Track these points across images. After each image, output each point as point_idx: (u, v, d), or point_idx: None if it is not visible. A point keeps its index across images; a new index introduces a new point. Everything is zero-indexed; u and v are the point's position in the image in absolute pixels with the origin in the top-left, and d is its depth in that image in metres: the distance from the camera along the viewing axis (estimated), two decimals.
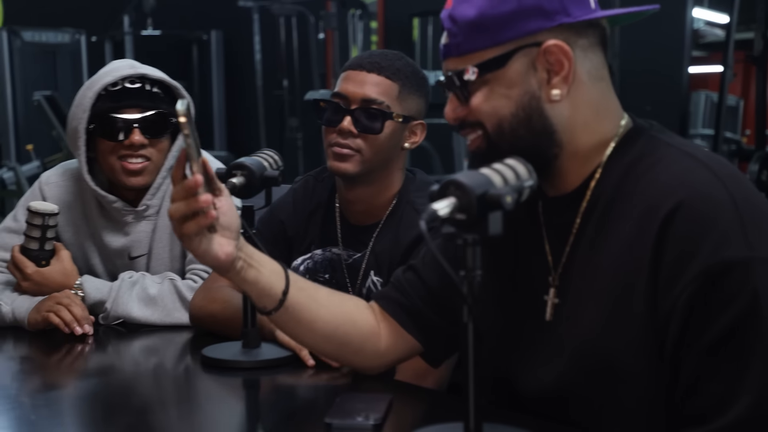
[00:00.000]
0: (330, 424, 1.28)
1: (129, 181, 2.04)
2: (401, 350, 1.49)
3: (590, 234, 1.28)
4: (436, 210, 1.11)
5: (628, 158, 1.27)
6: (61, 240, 2.10)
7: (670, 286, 1.16)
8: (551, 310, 1.32)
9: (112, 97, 2.00)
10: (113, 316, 1.96)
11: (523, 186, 1.20)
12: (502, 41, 1.25)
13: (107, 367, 1.82)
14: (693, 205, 1.16)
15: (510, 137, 1.26)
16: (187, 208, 1.27)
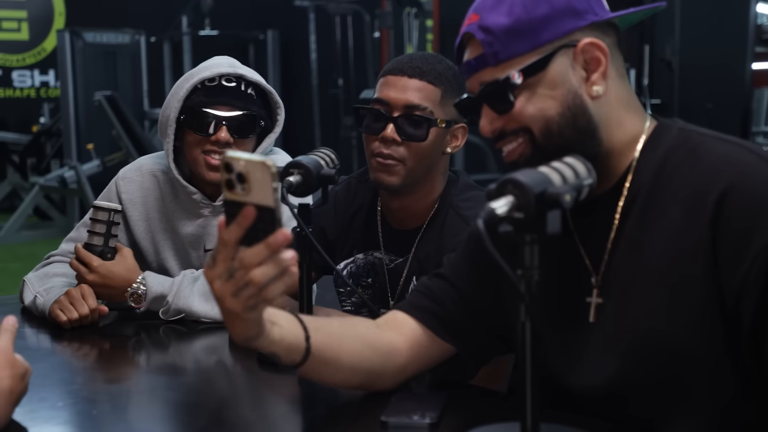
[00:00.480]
0: (386, 422, 1.29)
1: (210, 175, 2.08)
2: (429, 360, 1.46)
3: (631, 229, 1.29)
4: (494, 209, 1.11)
5: (662, 150, 1.29)
6: (134, 234, 2.18)
7: (735, 264, 1.18)
8: (594, 311, 1.32)
9: (207, 92, 2.05)
10: (174, 309, 1.98)
11: (582, 184, 1.19)
12: (541, 44, 1.27)
13: (167, 365, 1.84)
14: (744, 183, 1.19)
15: (558, 138, 1.27)
16: (278, 267, 1.12)
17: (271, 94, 2.12)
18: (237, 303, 1.13)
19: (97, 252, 2.00)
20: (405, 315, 1.46)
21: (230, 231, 1.11)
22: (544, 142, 1.27)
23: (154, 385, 1.67)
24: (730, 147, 1.25)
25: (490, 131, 1.32)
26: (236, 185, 1.10)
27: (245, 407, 1.52)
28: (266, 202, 1.10)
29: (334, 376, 1.38)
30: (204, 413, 1.47)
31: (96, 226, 2.02)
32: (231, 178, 1.10)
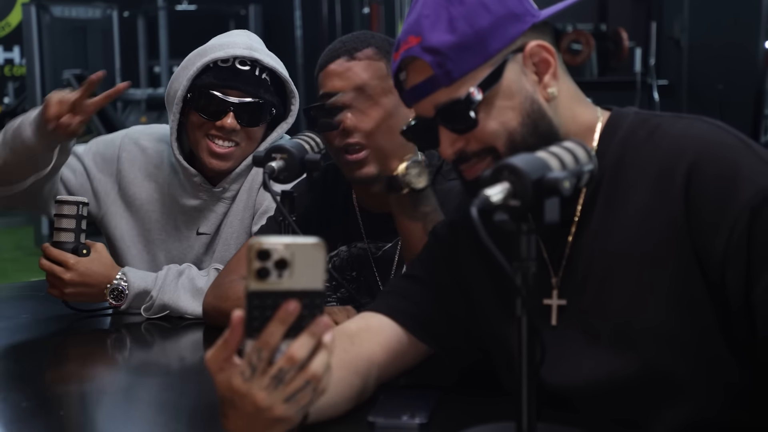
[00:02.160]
0: (374, 422, 1.29)
1: (211, 163, 2.07)
2: (404, 363, 1.45)
3: (597, 216, 1.32)
4: (489, 196, 1.11)
5: (621, 136, 1.33)
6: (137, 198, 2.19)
7: (714, 233, 1.21)
8: (556, 314, 1.34)
9: (219, 73, 2.03)
10: (158, 305, 1.98)
11: (582, 170, 1.20)
12: (491, 54, 1.30)
13: (147, 363, 1.84)
14: (709, 154, 1.24)
15: (523, 148, 1.27)
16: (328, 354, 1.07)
17: (287, 82, 2.10)
18: (291, 407, 1.07)
19: (69, 249, 1.98)
20: (382, 317, 1.45)
21: (273, 333, 1.04)
22: (509, 153, 1.27)
23: (132, 384, 1.67)
24: (688, 121, 1.31)
25: (452, 153, 1.33)
26: (272, 273, 1.04)
27: None
28: (314, 287, 1.05)
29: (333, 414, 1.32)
30: (182, 414, 1.47)
31: (63, 222, 1.99)
32: (266, 266, 1.04)
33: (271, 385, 1.05)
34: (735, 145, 1.25)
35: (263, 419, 1.07)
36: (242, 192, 2.14)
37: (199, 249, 2.16)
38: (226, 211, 2.15)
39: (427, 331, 1.45)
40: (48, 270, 1.98)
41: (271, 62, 2.07)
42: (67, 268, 1.96)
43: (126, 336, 1.94)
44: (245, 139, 2.07)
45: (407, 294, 1.47)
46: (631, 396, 1.29)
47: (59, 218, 2.00)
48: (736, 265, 1.20)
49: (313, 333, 1.05)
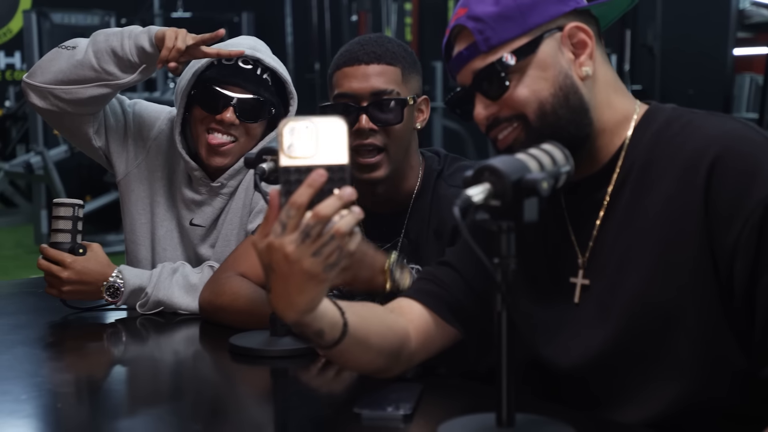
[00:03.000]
0: (360, 414, 1.29)
1: (210, 159, 2.08)
2: (435, 346, 1.47)
3: (624, 202, 1.33)
4: (471, 196, 1.11)
5: (655, 127, 1.34)
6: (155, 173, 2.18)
7: (728, 225, 1.22)
8: (579, 292, 1.36)
9: (222, 69, 2.05)
10: (153, 301, 1.97)
11: (560, 171, 1.20)
12: (530, 27, 1.32)
13: (143, 356, 1.83)
14: (734, 149, 1.24)
15: (552, 118, 1.31)
16: (354, 218, 1.13)
17: (287, 83, 2.10)
18: (318, 262, 1.12)
19: (66, 249, 1.97)
20: (411, 301, 1.47)
21: (301, 194, 1.10)
22: (539, 125, 1.31)
23: (125, 377, 1.66)
24: (721, 119, 1.32)
25: (485, 118, 1.35)
26: (300, 149, 1.12)
27: (217, 400, 1.52)
28: (339, 161, 1.12)
29: (362, 358, 1.35)
30: (176, 405, 1.46)
31: (60, 223, 1.98)
32: (293, 142, 1.12)
33: (299, 239, 1.10)
34: (760, 144, 1.25)
35: (296, 277, 1.13)
36: (240, 190, 2.13)
37: (194, 239, 2.15)
38: (223, 206, 2.14)
39: (455, 314, 1.46)
40: (46, 269, 1.96)
41: (273, 63, 2.08)
42: (65, 267, 1.95)
43: (122, 331, 1.93)
44: (244, 135, 2.08)
45: (436, 280, 1.48)
46: (632, 372, 1.30)
47: (56, 220, 1.99)
48: (745, 258, 1.21)
49: (340, 197, 1.11)
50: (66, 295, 1.98)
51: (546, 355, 1.38)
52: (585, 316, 1.34)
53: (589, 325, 1.33)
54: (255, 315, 1.75)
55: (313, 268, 1.12)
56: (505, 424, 1.15)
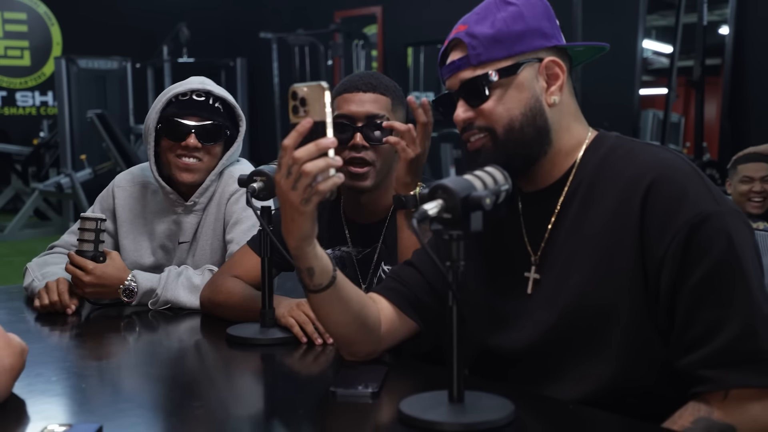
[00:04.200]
0: (335, 392, 1.27)
1: (181, 176, 2.08)
2: (398, 335, 1.47)
3: (572, 214, 1.32)
4: (426, 210, 1.11)
5: (603, 151, 1.34)
6: (119, 233, 2.18)
7: (659, 240, 1.21)
8: (532, 285, 1.35)
9: (180, 104, 2.06)
10: (162, 301, 1.95)
11: (500, 189, 1.20)
12: (515, 53, 1.32)
13: (153, 344, 1.80)
14: (667, 176, 1.23)
15: (518, 134, 1.31)
16: (325, 163, 1.18)
17: (235, 108, 2.12)
18: (296, 195, 1.20)
19: (89, 257, 1.95)
20: (379, 296, 1.48)
21: (289, 138, 1.18)
22: (505, 138, 1.31)
23: (139, 361, 1.63)
24: (657, 149, 1.31)
25: (462, 120, 1.34)
26: (299, 109, 1.19)
27: (215, 380, 1.49)
28: (321, 117, 1.18)
29: (340, 316, 1.37)
30: (180, 384, 1.44)
31: (85, 235, 1.97)
32: (296, 104, 1.19)
33: (284, 174, 1.19)
34: (689, 173, 1.24)
35: (285, 206, 1.22)
36: (212, 206, 2.13)
37: (182, 255, 2.15)
38: (198, 221, 2.14)
39: (415, 309, 1.46)
40: (72, 273, 1.94)
41: (222, 93, 2.10)
42: (87, 273, 1.93)
43: (136, 322, 1.90)
44: (206, 155, 2.09)
45: (401, 279, 1.49)
46: (571, 355, 1.29)
47: (82, 231, 1.98)
48: (670, 269, 1.20)
49: (317, 144, 1.18)
50: (88, 295, 1.96)
51: (503, 339, 1.37)
52: (535, 305, 1.33)
53: (538, 313, 1.33)
54: (247, 310, 1.74)
55: (293, 198, 1.20)
56: (455, 399, 1.14)
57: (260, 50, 8.99)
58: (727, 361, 1.16)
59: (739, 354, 1.16)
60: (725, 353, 1.16)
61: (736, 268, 1.17)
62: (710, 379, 1.17)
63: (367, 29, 8.29)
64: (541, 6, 1.34)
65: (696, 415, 1.17)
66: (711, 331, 1.17)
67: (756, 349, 1.15)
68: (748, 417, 1.16)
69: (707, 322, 1.17)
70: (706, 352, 1.17)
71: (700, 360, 1.18)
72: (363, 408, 1.24)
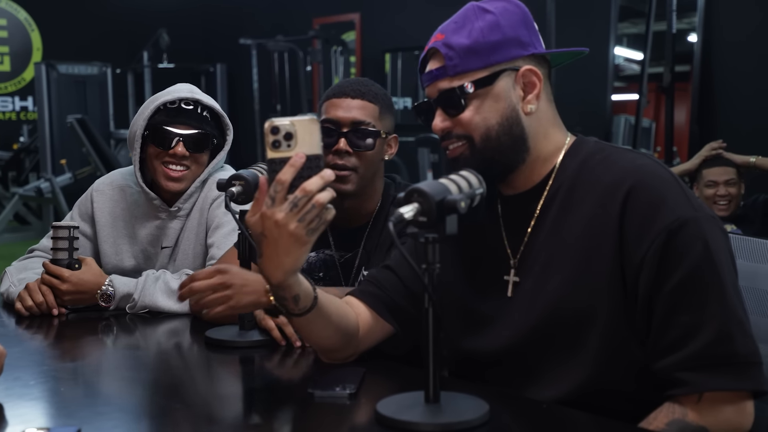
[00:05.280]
0: (312, 393, 1.27)
1: (167, 185, 2.06)
2: (375, 338, 1.46)
3: (551, 218, 1.31)
4: (403, 213, 1.11)
5: (581, 157, 1.33)
6: (99, 238, 2.15)
7: (637, 244, 1.21)
8: (511, 288, 1.34)
9: (168, 112, 2.03)
10: (140, 305, 1.93)
11: (474, 193, 1.20)
12: (491, 64, 1.30)
13: (131, 346, 1.78)
14: (646, 182, 1.23)
15: (495, 143, 1.30)
16: (330, 194, 1.17)
17: (222, 116, 2.10)
18: (302, 226, 1.17)
19: (65, 265, 1.93)
20: (355, 300, 1.46)
21: (285, 173, 1.15)
22: (482, 146, 1.30)
23: (117, 364, 1.61)
24: (635, 155, 1.31)
25: (440, 129, 1.33)
26: (282, 143, 1.15)
27: (194, 382, 1.48)
28: (313, 150, 1.15)
29: (323, 332, 1.36)
30: (160, 386, 1.42)
31: (59, 243, 1.94)
32: (278, 138, 1.15)
33: (287, 208, 1.15)
34: (667, 179, 1.24)
35: (284, 239, 1.17)
36: (195, 211, 2.11)
37: (164, 260, 2.13)
38: (181, 226, 2.12)
39: (391, 313, 1.45)
40: (48, 284, 1.92)
41: (210, 102, 2.08)
42: (63, 281, 1.91)
43: (114, 325, 1.88)
44: (194, 164, 2.07)
45: (378, 282, 1.47)
46: (549, 357, 1.29)
47: (56, 240, 1.95)
48: (648, 273, 1.20)
49: (322, 176, 1.16)
50: (67, 302, 1.93)
51: (481, 342, 1.36)
52: (514, 308, 1.33)
53: (517, 316, 1.32)
54: None
55: (298, 231, 1.16)
56: (431, 400, 1.14)
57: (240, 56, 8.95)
58: (702, 364, 1.16)
59: (713, 358, 1.16)
60: (700, 357, 1.16)
61: (711, 273, 1.18)
62: (685, 382, 1.17)
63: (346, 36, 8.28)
64: (519, 13, 1.33)
65: (670, 416, 1.17)
66: (687, 335, 1.17)
67: (730, 352, 1.16)
68: (722, 419, 1.17)
69: (683, 326, 1.18)
70: (681, 356, 1.17)
71: (675, 363, 1.18)
72: (340, 409, 1.23)
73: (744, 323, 1.18)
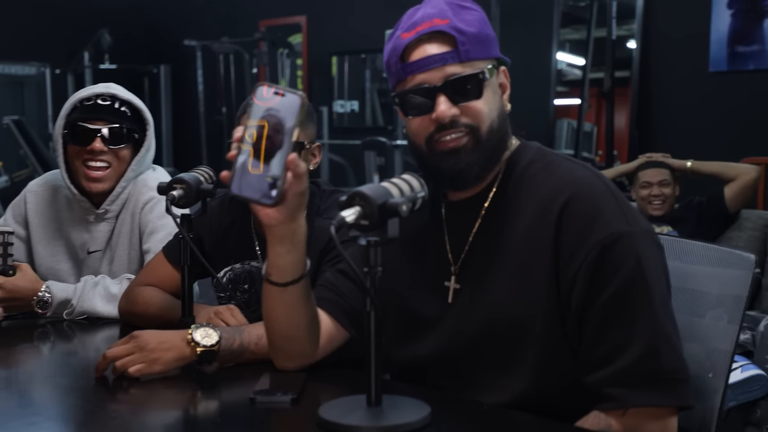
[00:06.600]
0: (254, 399, 1.25)
1: (89, 186, 2.03)
2: (333, 345, 1.44)
3: (492, 225, 1.31)
4: (344, 217, 1.10)
5: (523, 163, 1.33)
6: (32, 240, 2.11)
7: (571, 258, 1.21)
8: (452, 294, 1.34)
9: (84, 109, 2.01)
10: (78, 311, 1.89)
11: (416, 196, 1.20)
12: (491, 56, 1.31)
13: (67, 353, 1.74)
14: (583, 194, 1.23)
15: (495, 136, 1.30)
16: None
17: (142, 111, 2.08)
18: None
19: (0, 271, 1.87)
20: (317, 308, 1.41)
21: None
22: (486, 139, 1.29)
23: (52, 372, 1.57)
24: (574, 165, 1.31)
25: (450, 116, 1.27)
26: None
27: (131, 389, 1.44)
28: None
29: (298, 317, 1.32)
30: (98, 393, 1.39)
31: None
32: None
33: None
34: (604, 192, 1.24)
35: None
36: (125, 214, 2.08)
37: (95, 265, 2.09)
38: (111, 229, 2.09)
39: (349, 319, 1.42)
40: None
41: (127, 96, 2.06)
42: None
43: (51, 332, 1.83)
44: (115, 160, 2.04)
45: (335, 288, 1.45)
46: (487, 365, 1.29)
47: None
48: (581, 287, 1.20)
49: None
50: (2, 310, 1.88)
51: (422, 347, 1.36)
52: (454, 315, 1.32)
53: (456, 323, 1.32)
54: (165, 319, 1.71)
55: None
56: (373, 403, 1.14)
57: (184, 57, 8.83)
58: (629, 381, 1.17)
59: (640, 374, 1.17)
60: (628, 373, 1.17)
61: (642, 288, 1.18)
62: (612, 397, 1.18)
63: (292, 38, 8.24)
64: None
65: (596, 426, 1.18)
66: (615, 351, 1.18)
67: (657, 369, 1.17)
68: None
69: (613, 342, 1.18)
70: (610, 371, 1.18)
71: (604, 378, 1.19)
72: (282, 414, 1.22)
73: (672, 338, 1.19)
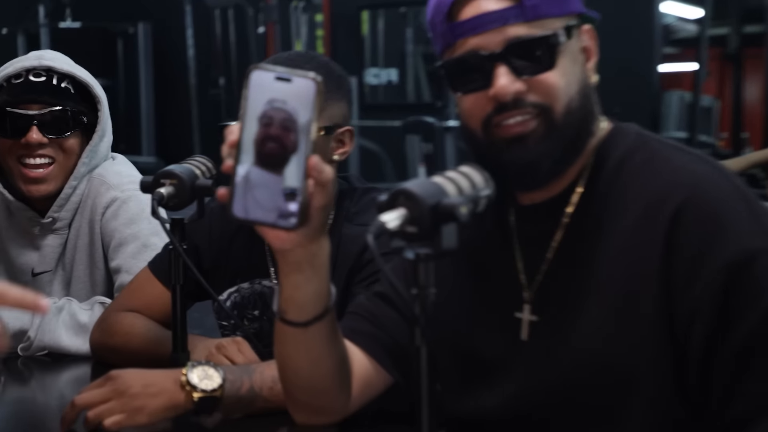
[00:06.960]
0: None
1: (29, 189, 2.00)
2: (371, 393, 1.41)
3: (579, 238, 1.29)
4: (385, 222, 1.10)
5: (618, 154, 1.30)
6: None
7: (688, 286, 1.18)
8: (528, 329, 1.32)
9: (12, 90, 1.97)
10: (37, 346, 1.90)
11: (479, 196, 1.19)
12: (569, 12, 1.28)
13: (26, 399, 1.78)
14: (701, 199, 1.20)
15: (574, 118, 1.27)
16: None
17: (89, 86, 2.04)
18: None
19: None
20: (348, 342, 1.38)
21: None
22: (562, 122, 1.25)
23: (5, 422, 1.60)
24: (689, 157, 1.28)
25: (513, 92, 1.24)
26: None
27: None
28: None
29: (324, 364, 1.30)
30: None
31: None
32: None
33: None
34: (729, 195, 1.22)
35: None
36: (82, 224, 2.06)
37: (43, 289, 2.06)
38: (63, 243, 2.07)
39: (392, 359, 1.39)
40: None
41: (68, 68, 2.02)
42: None
43: (1, 371, 1.87)
44: (60, 153, 2.02)
45: (372, 317, 1.41)
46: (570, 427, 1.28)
47: None
48: (704, 322, 1.18)
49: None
50: None
51: (487, 399, 1.34)
52: (531, 356, 1.30)
53: (533, 368, 1.30)
54: (152, 355, 1.70)
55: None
56: None
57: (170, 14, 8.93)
58: None
59: None
60: None
61: None
62: None
63: None
64: None
65: None
66: (759, 408, 1.17)
67: None
68: None
69: (754, 396, 1.17)
70: None
71: None
72: None
73: None
